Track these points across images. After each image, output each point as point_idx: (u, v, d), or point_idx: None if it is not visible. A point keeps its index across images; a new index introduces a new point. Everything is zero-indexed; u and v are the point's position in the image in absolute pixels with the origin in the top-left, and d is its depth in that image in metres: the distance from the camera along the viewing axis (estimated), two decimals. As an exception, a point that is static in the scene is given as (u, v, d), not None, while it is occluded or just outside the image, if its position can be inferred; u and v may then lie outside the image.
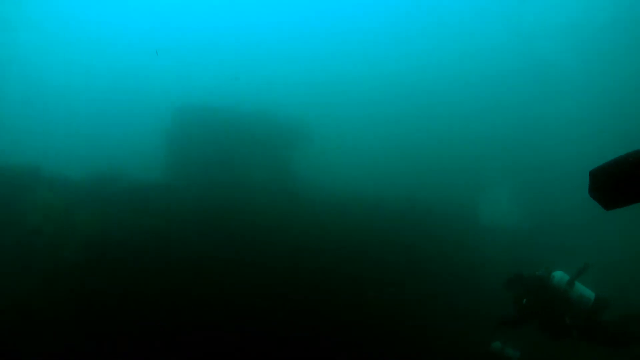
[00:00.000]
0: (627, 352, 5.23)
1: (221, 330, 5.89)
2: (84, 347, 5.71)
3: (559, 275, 5.17)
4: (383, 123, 19.40)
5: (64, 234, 8.16)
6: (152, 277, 6.79)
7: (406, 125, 18.96)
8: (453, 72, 20.49)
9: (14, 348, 5.61)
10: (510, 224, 10.76)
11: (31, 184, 9.50)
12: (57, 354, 5.53)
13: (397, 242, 8.90)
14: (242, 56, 19.96)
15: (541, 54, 18.81)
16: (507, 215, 11.37)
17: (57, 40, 20.65)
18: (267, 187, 12.66)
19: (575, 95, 17.87)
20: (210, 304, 6.39)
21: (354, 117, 19.04)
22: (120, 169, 11.41)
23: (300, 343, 5.64)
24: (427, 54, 21.31)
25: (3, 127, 16.50)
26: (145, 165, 13.21)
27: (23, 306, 6.00)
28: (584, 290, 5.12)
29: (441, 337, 5.93)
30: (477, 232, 10.17)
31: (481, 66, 20.15)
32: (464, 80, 20.09)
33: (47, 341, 5.56)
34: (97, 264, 7.37)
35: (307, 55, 20.89)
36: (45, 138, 16.67)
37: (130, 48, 20.47)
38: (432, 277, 7.59)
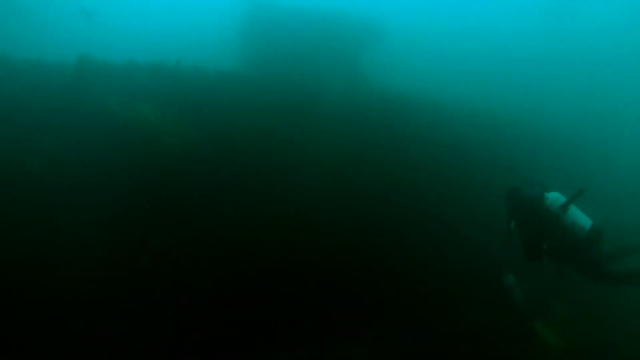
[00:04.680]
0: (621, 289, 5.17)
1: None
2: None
3: (553, 197, 4.96)
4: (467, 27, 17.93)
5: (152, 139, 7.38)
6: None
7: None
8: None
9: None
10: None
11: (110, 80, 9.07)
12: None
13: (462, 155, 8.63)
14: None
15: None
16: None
17: None
18: (337, 84, 12.75)
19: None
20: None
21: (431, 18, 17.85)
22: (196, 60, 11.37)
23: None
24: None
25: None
26: (220, 56, 13.64)
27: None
28: (579, 218, 4.87)
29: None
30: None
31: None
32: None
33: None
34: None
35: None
36: (118, 30, 17.23)
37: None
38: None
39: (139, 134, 7.35)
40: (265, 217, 6.11)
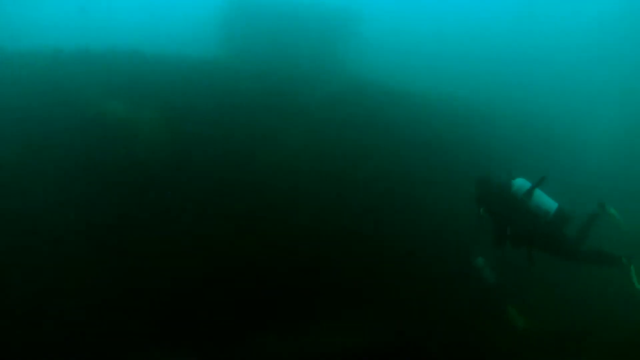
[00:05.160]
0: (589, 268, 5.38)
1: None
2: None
3: (519, 184, 5.19)
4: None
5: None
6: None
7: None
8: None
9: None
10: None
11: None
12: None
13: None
14: None
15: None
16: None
17: None
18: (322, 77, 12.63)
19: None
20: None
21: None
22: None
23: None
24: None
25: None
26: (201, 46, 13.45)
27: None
28: (544, 202, 5.11)
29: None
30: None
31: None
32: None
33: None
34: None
35: None
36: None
37: None
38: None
39: (110, 130, 7.26)
40: (249, 215, 6.17)
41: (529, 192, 5.09)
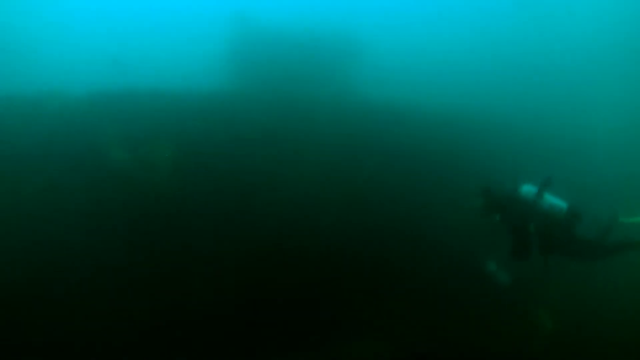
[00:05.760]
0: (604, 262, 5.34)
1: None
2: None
3: (527, 189, 5.22)
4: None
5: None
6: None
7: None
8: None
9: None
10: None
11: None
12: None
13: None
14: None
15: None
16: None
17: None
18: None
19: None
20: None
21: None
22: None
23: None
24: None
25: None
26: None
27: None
28: (555, 201, 5.15)
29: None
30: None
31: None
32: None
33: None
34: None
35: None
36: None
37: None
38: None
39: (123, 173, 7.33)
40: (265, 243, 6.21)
41: (539, 195, 5.11)
